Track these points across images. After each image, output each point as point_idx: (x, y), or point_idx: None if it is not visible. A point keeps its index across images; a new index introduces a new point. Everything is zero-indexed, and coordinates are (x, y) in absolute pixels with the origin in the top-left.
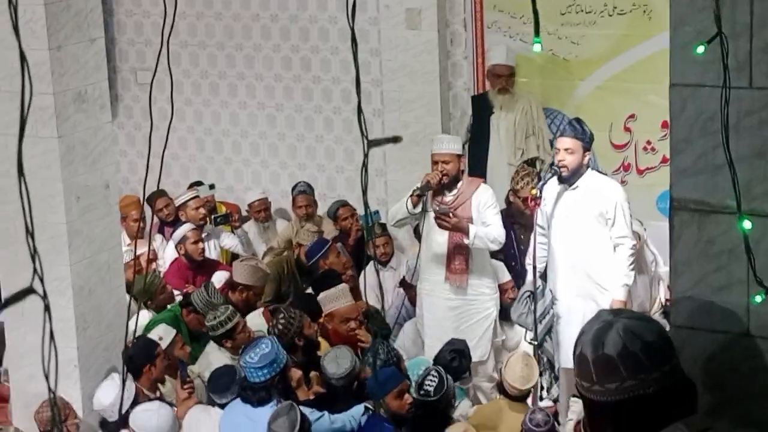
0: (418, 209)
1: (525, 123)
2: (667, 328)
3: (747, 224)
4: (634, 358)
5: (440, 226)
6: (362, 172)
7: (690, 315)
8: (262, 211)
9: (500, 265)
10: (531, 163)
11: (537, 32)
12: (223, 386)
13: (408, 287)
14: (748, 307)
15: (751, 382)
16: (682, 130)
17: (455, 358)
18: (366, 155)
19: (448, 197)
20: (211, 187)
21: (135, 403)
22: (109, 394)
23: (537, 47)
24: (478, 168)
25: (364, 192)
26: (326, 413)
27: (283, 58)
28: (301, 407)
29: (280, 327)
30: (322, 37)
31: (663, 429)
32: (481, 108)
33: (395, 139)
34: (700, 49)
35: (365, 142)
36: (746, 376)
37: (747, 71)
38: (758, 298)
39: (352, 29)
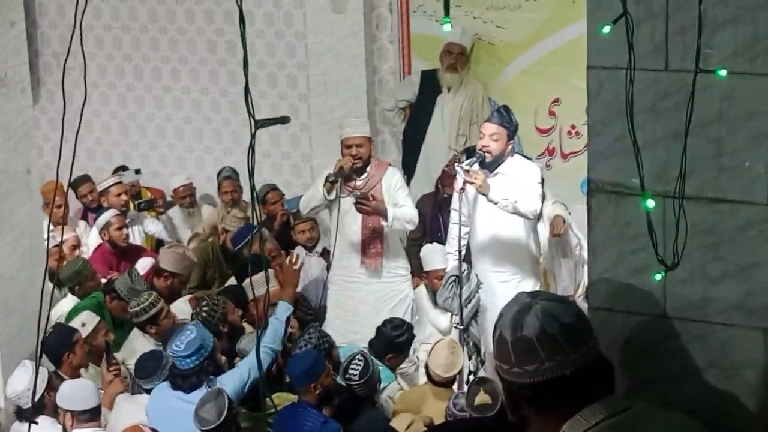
0: (333, 195)
1: (470, 110)
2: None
3: (650, 203)
4: (552, 339)
5: (360, 210)
6: (249, 153)
7: (607, 297)
8: (187, 197)
9: (441, 251)
10: (472, 150)
11: (447, 12)
12: (149, 371)
13: None
14: (664, 289)
15: (668, 363)
16: (599, 112)
17: (400, 332)
18: (253, 136)
19: (359, 181)
20: (137, 171)
21: (49, 385)
22: (21, 380)
23: (447, 27)
24: (413, 146)
25: (251, 174)
26: (235, 369)
27: (209, 41)
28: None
29: (204, 314)
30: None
31: (581, 410)
32: (430, 84)
33: (283, 120)
34: (606, 29)
35: (252, 122)
36: (663, 357)
37: (663, 53)
38: (658, 276)
39: (240, 8)
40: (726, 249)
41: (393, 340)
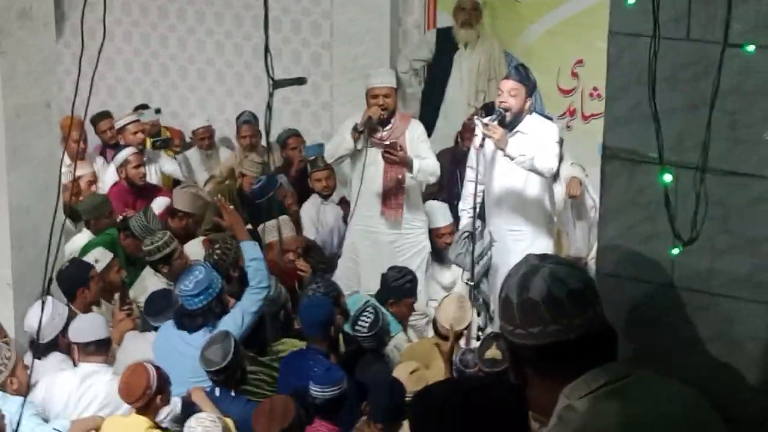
0: (359, 145)
1: (488, 66)
2: None
3: (667, 177)
4: (558, 303)
5: (387, 160)
6: (266, 112)
7: (616, 264)
8: (206, 139)
9: (443, 208)
10: (490, 106)
11: None
12: (159, 309)
13: None
14: (672, 258)
15: (673, 332)
16: (618, 78)
17: (399, 277)
18: (271, 95)
19: (383, 132)
20: (157, 111)
21: (66, 326)
22: (39, 315)
23: None
24: (433, 101)
25: (267, 132)
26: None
27: None
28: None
29: (216, 257)
30: None
31: (583, 374)
32: (446, 43)
33: (300, 80)
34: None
35: (270, 82)
36: (668, 326)
37: (685, 23)
38: (675, 251)
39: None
40: (735, 222)
41: (391, 283)
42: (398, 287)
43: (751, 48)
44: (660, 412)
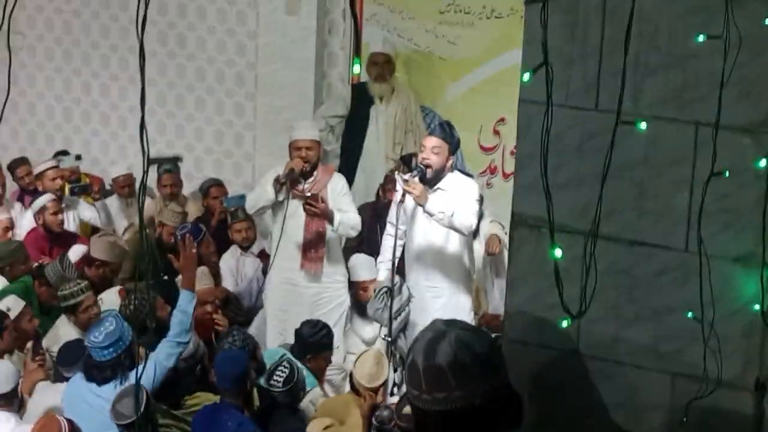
0: (281, 197)
1: (404, 119)
2: None
3: (558, 252)
4: (464, 369)
5: (308, 212)
6: (139, 190)
7: (523, 330)
8: (126, 187)
9: (369, 262)
10: (408, 158)
11: (357, 54)
12: (72, 359)
13: None
14: (579, 326)
15: (578, 399)
16: (527, 146)
17: (315, 331)
18: (145, 172)
19: (305, 185)
20: (78, 157)
21: None
22: None
23: (356, 68)
24: (351, 157)
25: (141, 210)
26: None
27: (160, 32)
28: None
29: (132, 308)
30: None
31: None
32: (361, 97)
33: (175, 159)
34: (526, 76)
35: (145, 159)
36: (573, 393)
37: (594, 93)
38: (564, 323)
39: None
40: (641, 292)
41: (308, 339)
42: (315, 342)
43: (642, 125)
44: None
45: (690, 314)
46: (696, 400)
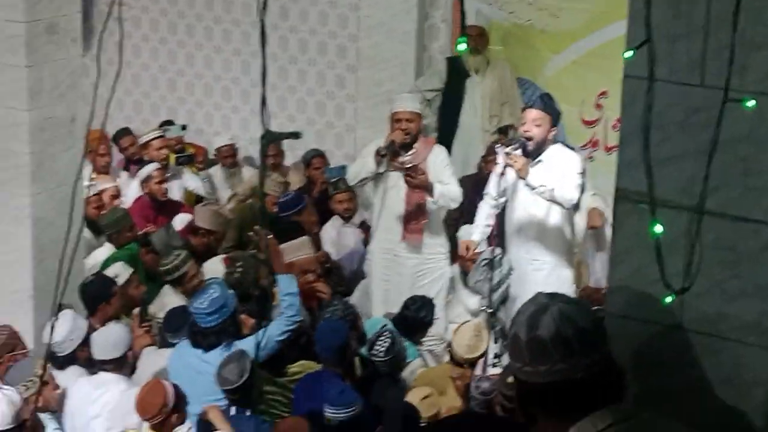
0: (382, 168)
1: (500, 91)
2: None
3: (658, 228)
4: (566, 342)
5: (408, 183)
6: (261, 161)
7: (625, 304)
8: (229, 157)
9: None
10: (504, 130)
11: (463, 34)
12: (178, 326)
13: None
14: (682, 301)
15: (680, 375)
16: (631, 121)
17: (424, 313)
18: (265, 146)
19: (405, 157)
20: (183, 127)
21: (85, 340)
22: (60, 329)
23: (461, 46)
24: (447, 130)
25: (261, 183)
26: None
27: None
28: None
29: (236, 275)
30: None
31: (589, 414)
32: (457, 70)
33: (295, 135)
34: (628, 54)
35: (265, 134)
36: (675, 369)
37: (699, 69)
38: (668, 299)
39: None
40: (746, 268)
41: (418, 320)
42: (420, 323)
43: (750, 103)
44: None
45: None
46: None
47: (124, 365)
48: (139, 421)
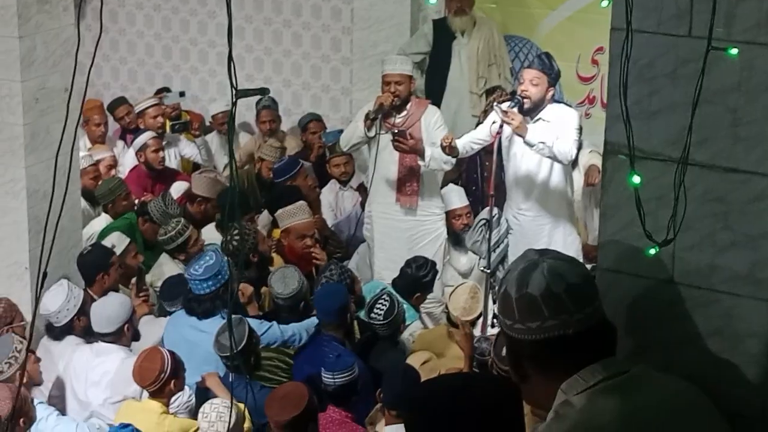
0: (372, 132)
1: (487, 51)
2: None
3: (636, 179)
4: (557, 298)
5: (397, 148)
6: (229, 122)
7: (616, 259)
8: (225, 124)
9: (459, 191)
10: (492, 91)
11: None
12: (175, 294)
13: None
14: (673, 254)
15: (672, 328)
16: (619, 74)
17: (425, 272)
18: (234, 104)
19: (398, 119)
20: (182, 94)
21: (81, 310)
22: (56, 299)
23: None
24: (435, 93)
25: (230, 143)
26: (275, 324)
27: None
28: (251, 319)
29: (234, 242)
30: None
31: (581, 369)
32: (443, 32)
33: (263, 91)
34: (604, 2)
35: (233, 92)
36: (667, 322)
37: (687, 19)
38: (652, 251)
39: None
40: (736, 218)
41: (419, 279)
42: (426, 282)
43: (734, 51)
44: (658, 408)
45: None
46: None
47: (123, 336)
48: (139, 389)
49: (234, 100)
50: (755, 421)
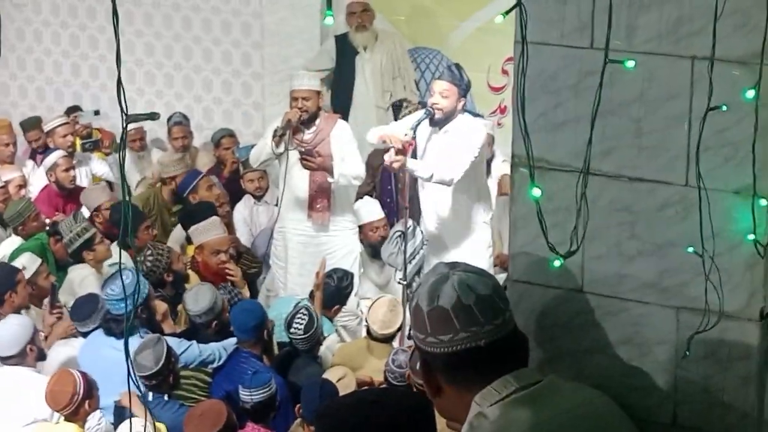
0: (281, 149)
1: (391, 65)
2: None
3: (536, 192)
4: (468, 311)
5: (306, 166)
6: (120, 146)
7: (526, 270)
8: (137, 140)
9: (374, 203)
10: (398, 105)
11: (329, 6)
12: (86, 313)
13: None
14: (582, 264)
15: (582, 337)
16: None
17: (346, 283)
18: (125, 129)
19: (307, 135)
20: (96, 113)
21: None
22: None
23: (329, 20)
24: (341, 108)
25: (122, 166)
26: (195, 343)
27: None
28: (170, 338)
29: (148, 263)
30: None
31: (494, 381)
32: (345, 48)
33: (152, 116)
34: (499, 19)
35: (124, 117)
36: (578, 331)
37: (589, 31)
38: (556, 263)
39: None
40: (642, 227)
41: (341, 291)
42: (344, 293)
43: (630, 64)
44: (570, 417)
45: (690, 249)
46: (699, 333)
47: (26, 356)
48: (50, 411)
49: (124, 125)
50: (666, 428)
